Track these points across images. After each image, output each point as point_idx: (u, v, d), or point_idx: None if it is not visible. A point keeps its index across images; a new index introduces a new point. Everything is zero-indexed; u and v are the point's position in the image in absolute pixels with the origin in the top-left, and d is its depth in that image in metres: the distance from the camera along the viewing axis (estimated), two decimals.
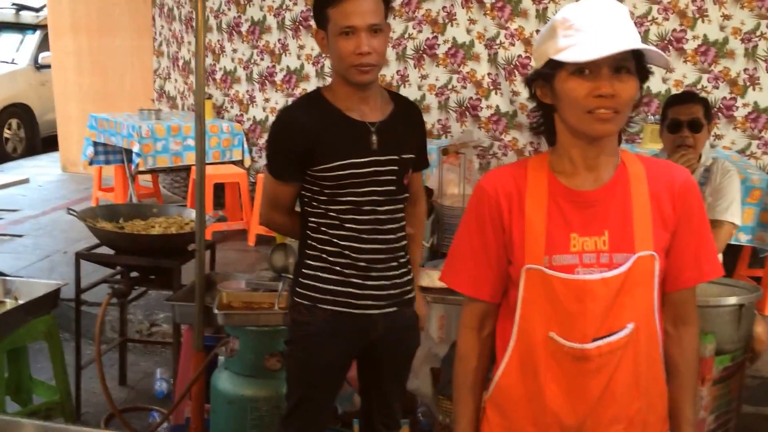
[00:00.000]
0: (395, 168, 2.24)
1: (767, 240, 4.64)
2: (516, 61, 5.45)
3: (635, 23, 1.54)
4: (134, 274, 3.39)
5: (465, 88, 5.62)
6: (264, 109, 6.39)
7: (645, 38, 5.21)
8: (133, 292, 3.52)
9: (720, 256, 3.21)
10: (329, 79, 3.54)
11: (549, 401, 1.57)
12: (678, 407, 1.63)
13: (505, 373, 1.62)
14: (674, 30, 5.18)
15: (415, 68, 5.71)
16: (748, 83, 5.19)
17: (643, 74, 1.53)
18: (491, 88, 5.56)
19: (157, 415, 3.41)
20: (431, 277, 2.79)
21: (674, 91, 5.01)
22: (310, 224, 2.27)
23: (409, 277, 2.36)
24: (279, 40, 6.17)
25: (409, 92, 5.69)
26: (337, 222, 2.23)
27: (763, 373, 3.90)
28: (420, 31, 5.66)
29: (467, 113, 5.65)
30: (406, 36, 5.69)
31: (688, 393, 1.64)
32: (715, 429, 2.59)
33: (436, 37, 5.64)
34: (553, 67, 1.50)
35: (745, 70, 5.16)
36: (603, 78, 1.46)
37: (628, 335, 1.54)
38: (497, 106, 5.57)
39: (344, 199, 2.21)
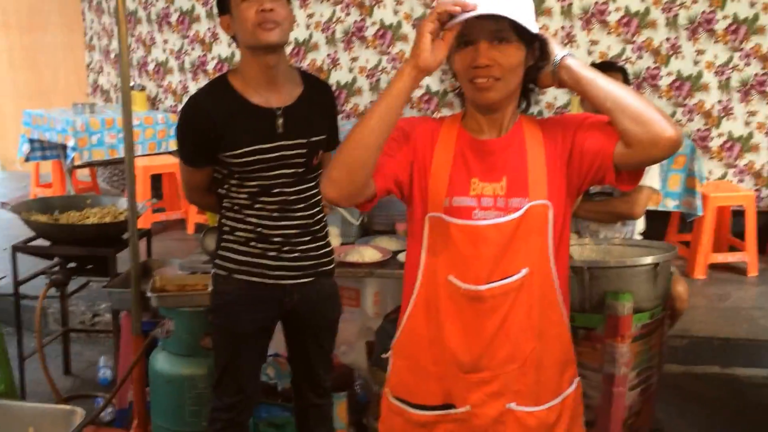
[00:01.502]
0: (303, 151, 2.30)
1: (693, 205, 4.81)
2: None
3: None
4: (72, 264, 3.39)
5: (395, 68, 5.68)
6: None
7: (569, 11, 5.35)
8: (75, 283, 3.52)
9: (642, 221, 3.37)
10: None
11: (448, 341, 1.67)
12: None
13: (411, 315, 1.72)
14: (596, 2, 5.31)
15: (345, 51, 5.75)
16: (670, 52, 5.36)
17: (531, 40, 1.60)
18: None
19: (101, 401, 3.42)
20: (361, 254, 2.84)
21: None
22: (224, 203, 2.36)
23: (326, 249, 2.45)
24: (209, 28, 6.14)
25: (341, 75, 5.75)
26: (248, 202, 2.31)
27: (693, 332, 4.07)
28: (348, 14, 5.70)
29: None
30: (335, 20, 5.73)
31: None
32: (637, 385, 2.69)
33: (364, 20, 5.68)
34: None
35: (667, 39, 5.33)
36: (480, 49, 1.56)
37: (521, 279, 1.63)
38: (428, 86, 5.65)
39: (253, 183, 2.28)
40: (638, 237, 3.37)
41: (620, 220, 3.28)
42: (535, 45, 1.62)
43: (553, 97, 5.34)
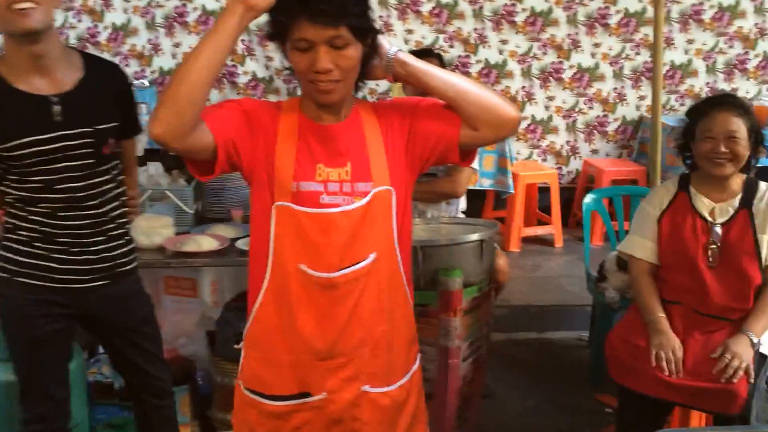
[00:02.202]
0: (90, 141, 2.13)
1: (506, 183, 5.16)
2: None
3: None
4: None
5: None
6: None
7: (384, 2, 5.51)
8: None
9: (464, 199, 3.57)
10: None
11: (301, 329, 1.67)
12: None
13: (262, 305, 1.70)
14: None
15: (167, 36, 5.55)
16: (478, 42, 5.69)
17: (365, 33, 1.62)
18: (246, 54, 5.58)
19: None
20: (198, 243, 2.78)
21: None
22: (6, 200, 2.17)
23: (126, 248, 2.31)
24: None
25: (164, 61, 5.56)
26: (30, 200, 2.13)
27: (511, 302, 4.38)
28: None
29: (224, 80, 5.62)
30: (154, 4, 5.51)
31: None
32: (469, 355, 2.86)
33: (185, 5, 5.51)
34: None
35: (475, 29, 5.65)
36: (319, 54, 1.56)
37: (370, 264, 1.67)
38: (254, 72, 5.61)
39: (35, 178, 2.10)
40: (461, 215, 3.57)
41: (445, 200, 3.45)
42: (367, 38, 1.64)
43: (376, 84, 5.51)
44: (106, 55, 5.44)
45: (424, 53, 3.57)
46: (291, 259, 1.65)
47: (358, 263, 1.66)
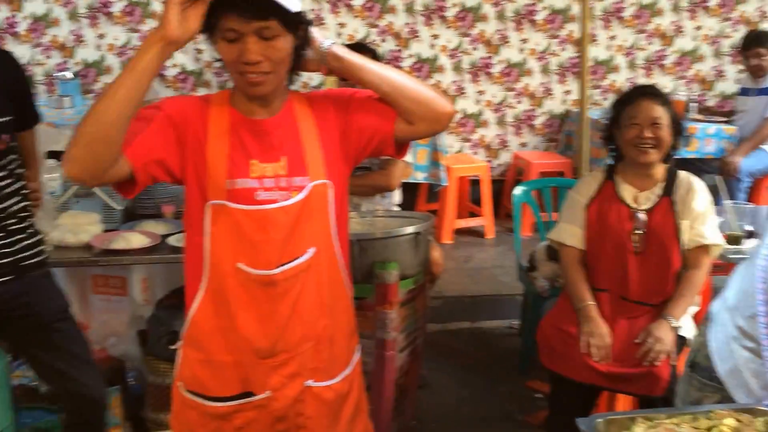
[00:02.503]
0: None
1: (438, 176, 5.22)
2: None
3: None
4: None
5: None
6: None
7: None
8: None
9: (398, 192, 3.61)
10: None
11: (242, 329, 1.64)
12: None
13: (200, 308, 1.67)
14: None
15: (91, 27, 5.40)
16: (410, 36, 5.74)
17: (296, 25, 1.59)
18: None
19: None
20: (127, 240, 2.72)
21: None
22: None
23: (30, 241, 2.26)
24: None
25: (88, 53, 5.42)
26: None
27: (445, 293, 4.45)
28: None
29: None
30: None
31: None
32: (405, 347, 2.89)
33: None
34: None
35: (407, 24, 5.69)
36: (248, 44, 1.53)
37: (309, 259, 1.65)
38: (183, 65, 5.51)
39: None
40: (396, 208, 3.61)
41: (379, 193, 3.48)
42: (299, 29, 1.62)
43: (308, 77, 5.50)
44: (25, 47, 5.27)
45: (358, 47, 3.57)
46: (228, 258, 1.62)
47: (297, 259, 1.64)
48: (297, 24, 1.59)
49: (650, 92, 2.77)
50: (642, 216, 2.70)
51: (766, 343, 1.45)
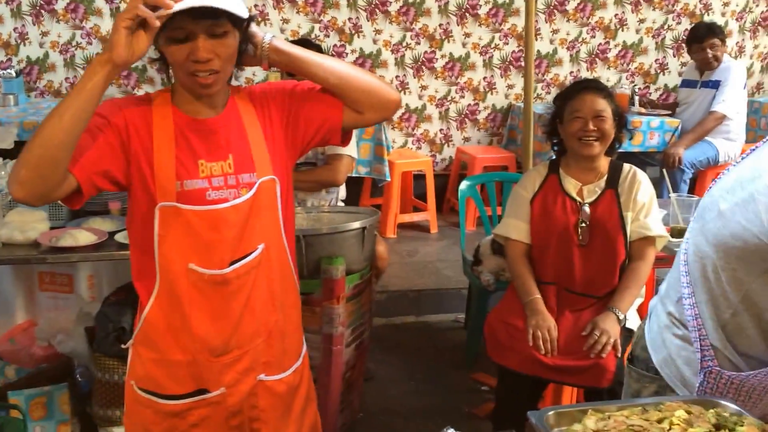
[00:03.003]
0: None
1: (382, 171, 5.21)
2: None
3: None
4: None
5: (91, 44, 5.36)
6: None
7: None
8: None
9: (344, 188, 3.59)
10: None
11: (195, 329, 1.64)
12: None
13: (152, 307, 1.65)
14: None
15: (34, 25, 5.25)
16: (353, 31, 5.70)
17: (242, 21, 1.59)
18: None
19: None
20: (75, 237, 2.67)
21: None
22: None
23: None
24: None
25: (31, 50, 5.23)
26: None
27: (389, 287, 4.45)
28: None
29: None
30: None
31: None
32: (352, 341, 2.89)
33: None
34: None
35: (350, 19, 5.66)
36: (198, 43, 1.52)
37: (259, 255, 1.66)
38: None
39: None
40: (341, 203, 3.59)
41: (325, 188, 3.45)
42: (242, 26, 1.61)
43: (252, 72, 5.42)
44: None
45: (302, 43, 3.53)
46: (179, 259, 1.62)
47: (247, 256, 1.65)
48: (242, 20, 1.58)
49: (593, 86, 2.80)
50: (586, 208, 2.74)
51: (692, 325, 1.48)
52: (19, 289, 3.08)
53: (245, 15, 1.57)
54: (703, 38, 5.08)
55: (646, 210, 2.73)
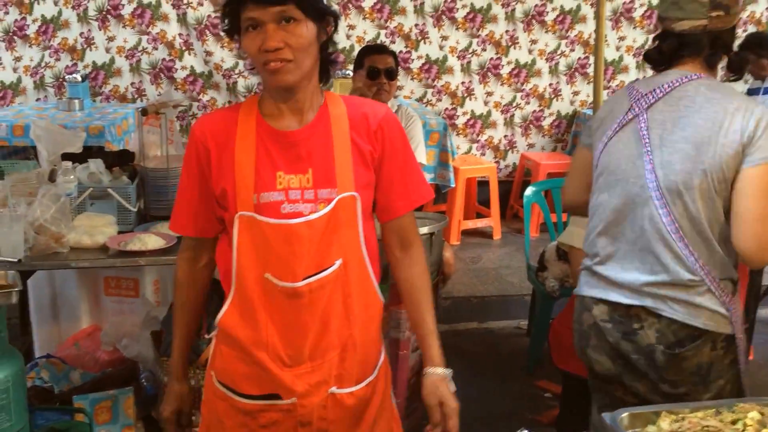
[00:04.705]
0: None
1: (447, 177, 5.23)
2: (206, 21, 5.43)
3: None
4: None
5: (156, 49, 5.49)
6: None
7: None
8: None
9: None
10: None
11: (268, 338, 1.65)
12: (420, 319, 1.80)
13: (227, 313, 1.68)
14: None
15: (101, 30, 5.41)
16: (419, 38, 5.75)
17: (321, 15, 1.59)
18: (184, 48, 5.50)
19: None
20: (143, 241, 2.73)
21: (358, 47, 5.39)
22: None
23: None
24: None
25: (97, 55, 5.41)
26: None
27: (453, 293, 4.47)
28: (6, 13, 5.27)
29: (162, 75, 5.52)
30: None
31: (427, 305, 1.81)
32: (417, 347, 2.91)
33: (24, 18, 5.29)
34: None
35: (416, 25, 5.71)
36: (268, 32, 1.52)
37: (336, 271, 1.63)
38: (192, 67, 5.53)
39: None
40: None
41: None
42: (327, 20, 1.60)
43: None
44: (34, 50, 5.27)
45: (382, 49, 3.53)
46: (255, 268, 1.62)
47: (323, 271, 1.62)
48: (318, 12, 1.57)
49: None
50: None
51: None
52: (84, 294, 3.08)
53: (321, 5, 1.54)
54: None
55: None
